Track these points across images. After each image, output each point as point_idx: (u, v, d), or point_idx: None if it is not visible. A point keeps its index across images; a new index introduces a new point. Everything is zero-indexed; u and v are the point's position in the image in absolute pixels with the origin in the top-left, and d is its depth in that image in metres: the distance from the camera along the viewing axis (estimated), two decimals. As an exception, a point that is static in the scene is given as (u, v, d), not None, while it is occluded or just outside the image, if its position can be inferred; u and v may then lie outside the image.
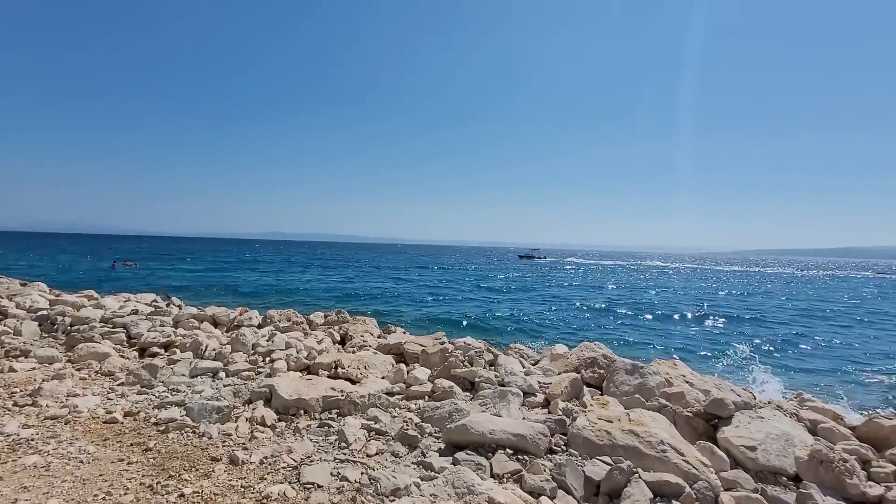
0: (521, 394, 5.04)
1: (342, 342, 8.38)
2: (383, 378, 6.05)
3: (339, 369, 5.84)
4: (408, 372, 6.08)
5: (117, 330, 7.89)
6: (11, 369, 5.27)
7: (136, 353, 6.84)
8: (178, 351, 6.84)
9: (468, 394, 5.41)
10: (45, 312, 9.06)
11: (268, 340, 7.44)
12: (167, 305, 10.44)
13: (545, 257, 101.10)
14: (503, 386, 5.47)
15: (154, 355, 6.85)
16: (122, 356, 6.63)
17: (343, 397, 4.70)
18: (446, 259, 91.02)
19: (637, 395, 4.83)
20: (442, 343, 6.93)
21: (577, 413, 4.41)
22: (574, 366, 6.07)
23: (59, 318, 8.30)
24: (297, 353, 6.56)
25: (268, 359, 6.50)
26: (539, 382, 5.39)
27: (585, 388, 5.34)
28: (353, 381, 5.69)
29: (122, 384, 5.33)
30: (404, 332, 8.60)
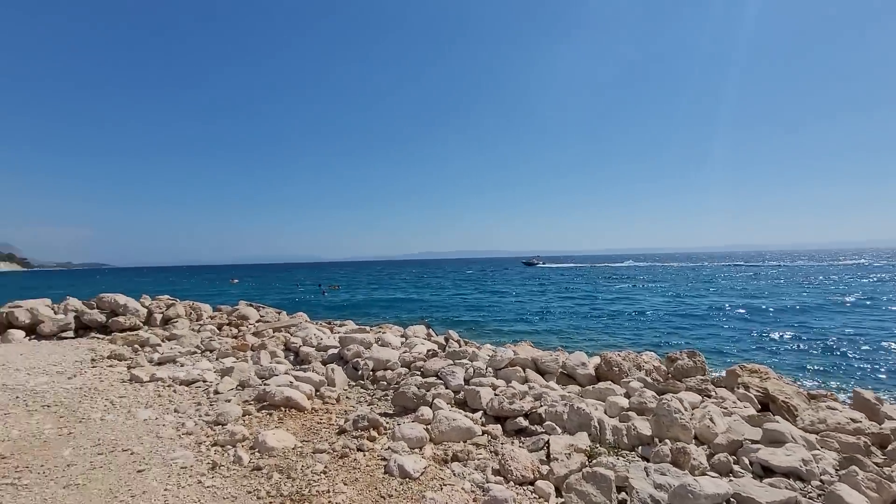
0: None
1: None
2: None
3: None
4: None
5: (430, 380, 6.14)
6: (403, 472, 3.37)
7: (499, 427, 4.72)
8: (555, 427, 4.53)
9: None
10: (334, 351, 8.03)
11: (679, 410, 4.71)
12: (445, 340, 8.77)
13: (544, 263, 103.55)
14: None
15: (522, 431, 4.66)
16: (487, 433, 4.58)
17: None
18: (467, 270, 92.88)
19: None
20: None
21: None
22: None
23: (362, 363, 6.97)
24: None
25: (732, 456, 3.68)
26: None
27: None
28: None
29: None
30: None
